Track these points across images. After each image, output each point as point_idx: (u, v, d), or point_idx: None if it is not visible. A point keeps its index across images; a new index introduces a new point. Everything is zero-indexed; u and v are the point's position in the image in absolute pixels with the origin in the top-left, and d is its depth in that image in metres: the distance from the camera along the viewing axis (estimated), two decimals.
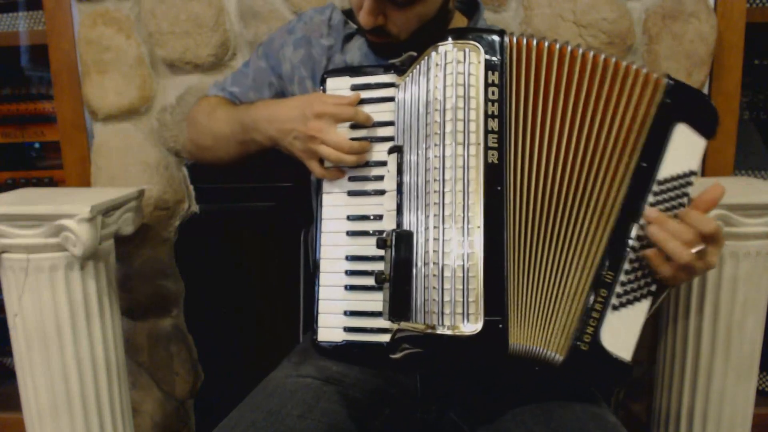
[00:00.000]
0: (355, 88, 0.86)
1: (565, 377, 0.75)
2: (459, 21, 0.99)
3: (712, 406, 1.20)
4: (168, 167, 1.43)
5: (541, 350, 0.73)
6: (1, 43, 1.59)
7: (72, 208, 1.09)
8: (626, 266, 0.75)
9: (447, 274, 0.69)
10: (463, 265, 0.69)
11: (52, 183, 1.68)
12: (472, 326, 0.68)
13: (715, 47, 1.33)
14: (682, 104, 0.76)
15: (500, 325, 0.68)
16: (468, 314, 0.68)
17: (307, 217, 1.01)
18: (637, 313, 0.75)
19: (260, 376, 0.88)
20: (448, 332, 0.68)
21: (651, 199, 0.75)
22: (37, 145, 1.69)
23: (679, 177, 0.76)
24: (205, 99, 1.08)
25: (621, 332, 0.74)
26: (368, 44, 0.97)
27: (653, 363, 1.36)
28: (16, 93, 1.66)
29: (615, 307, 0.74)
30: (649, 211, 0.74)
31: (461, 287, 0.68)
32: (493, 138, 0.72)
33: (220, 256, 1.46)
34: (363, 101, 0.85)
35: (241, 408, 0.79)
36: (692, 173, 0.76)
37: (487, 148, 0.71)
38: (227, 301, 1.47)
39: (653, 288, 0.75)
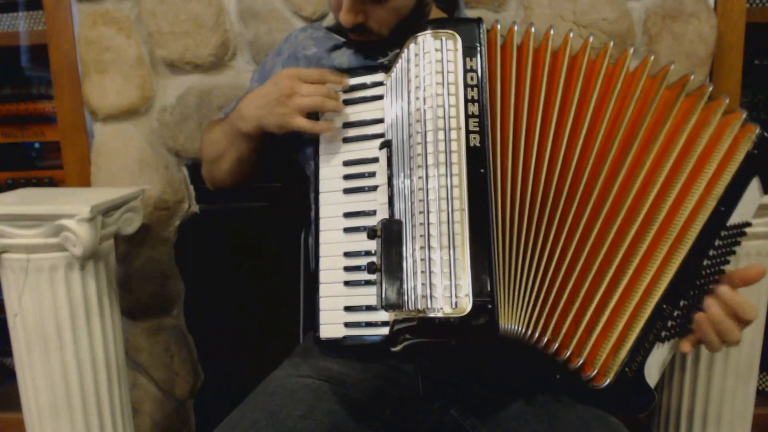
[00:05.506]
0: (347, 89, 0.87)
1: (598, 398, 0.75)
2: (438, 16, 1.00)
3: (712, 406, 1.20)
4: (168, 167, 1.43)
5: (541, 338, 0.73)
6: (1, 43, 1.59)
7: (72, 208, 1.09)
8: (682, 302, 0.74)
9: (434, 257, 0.69)
10: (449, 248, 0.69)
11: (52, 183, 1.68)
12: (461, 308, 0.67)
13: (715, 47, 1.33)
14: (764, 157, 0.74)
15: (489, 306, 0.68)
16: (456, 296, 0.68)
17: (306, 217, 1.01)
18: (670, 347, 0.76)
19: (260, 376, 0.88)
20: (439, 315, 0.68)
21: (717, 242, 0.74)
22: (37, 145, 1.69)
23: (738, 226, 0.75)
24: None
25: (656, 363, 0.75)
26: (355, 48, 0.98)
27: None
28: (16, 93, 1.67)
29: (661, 339, 0.75)
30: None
31: (448, 270, 0.68)
32: (474, 122, 0.72)
33: (220, 256, 1.46)
34: (356, 101, 0.86)
35: (242, 408, 0.79)
36: (747, 224, 0.76)
37: (468, 132, 0.72)
38: (227, 301, 1.47)
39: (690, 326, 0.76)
